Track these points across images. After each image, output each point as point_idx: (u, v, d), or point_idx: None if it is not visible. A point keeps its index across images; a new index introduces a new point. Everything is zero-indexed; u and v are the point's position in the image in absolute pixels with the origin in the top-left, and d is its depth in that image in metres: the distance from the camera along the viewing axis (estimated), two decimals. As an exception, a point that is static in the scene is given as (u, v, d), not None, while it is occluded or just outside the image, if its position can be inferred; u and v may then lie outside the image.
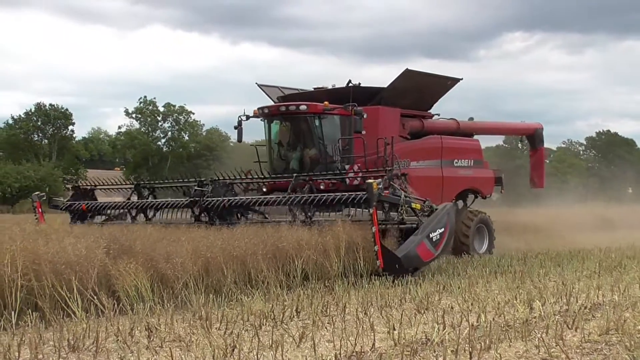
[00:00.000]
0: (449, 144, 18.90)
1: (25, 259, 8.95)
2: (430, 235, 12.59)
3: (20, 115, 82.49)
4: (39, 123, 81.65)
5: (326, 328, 8.01)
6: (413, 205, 12.95)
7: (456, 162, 19.03)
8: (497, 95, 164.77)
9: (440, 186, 18.12)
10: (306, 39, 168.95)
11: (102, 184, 18.40)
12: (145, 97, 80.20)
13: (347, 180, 15.47)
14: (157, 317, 8.41)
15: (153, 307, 8.92)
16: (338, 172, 15.80)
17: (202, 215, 15.05)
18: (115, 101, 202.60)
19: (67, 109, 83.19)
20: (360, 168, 16.07)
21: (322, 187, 14.73)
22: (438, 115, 19.96)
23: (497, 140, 75.80)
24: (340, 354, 6.52)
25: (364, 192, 12.66)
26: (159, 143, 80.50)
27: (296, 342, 7.18)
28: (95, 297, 8.98)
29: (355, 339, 7.07)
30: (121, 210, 17.04)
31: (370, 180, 12.23)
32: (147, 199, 17.02)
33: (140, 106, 79.72)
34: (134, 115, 80.00)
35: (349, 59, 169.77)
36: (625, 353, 6.43)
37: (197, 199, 14.74)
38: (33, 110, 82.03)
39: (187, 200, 15.13)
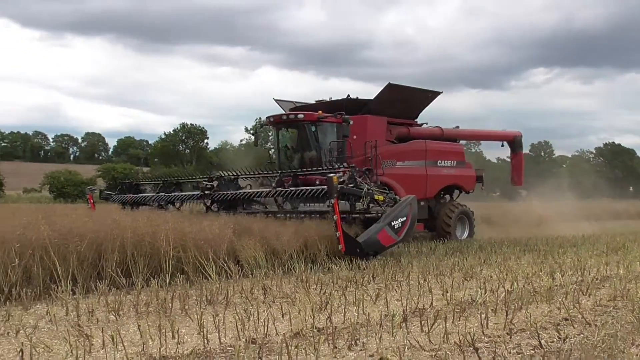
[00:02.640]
0: (433, 147, 17.62)
1: (175, 236, 9.14)
2: (392, 223, 11.34)
3: (170, 132, 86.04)
4: (183, 137, 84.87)
5: (395, 290, 8.03)
6: (376, 197, 11.73)
7: (440, 163, 17.74)
8: (524, 116, 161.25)
9: (425, 182, 17.10)
10: (378, 75, 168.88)
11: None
12: (259, 118, 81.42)
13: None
14: (270, 280, 8.54)
15: (267, 273, 9.01)
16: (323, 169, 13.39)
17: (213, 206, 14.14)
18: (237, 121, 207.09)
19: (203, 127, 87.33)
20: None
21: (317, 182, 12.91)
22: (426, 123, 18.73)
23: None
24: (406, 309, 6.55)
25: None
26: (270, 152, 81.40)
27: (373, 300, 7.24)
28: (225, 265, 9.13)
29: (418, 299, 7.11)
30: (155, 202, 15.75)
31: (331, 175, 10.97)
32: (172, 192, 15.83)
33: (256, 125, 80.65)
34: (251, 132, 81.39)
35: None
36: (629, 315, 6.30)
37: (207, 192, 13.75)
38: (179, 128, 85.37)
39: (198, 194, 14.02)
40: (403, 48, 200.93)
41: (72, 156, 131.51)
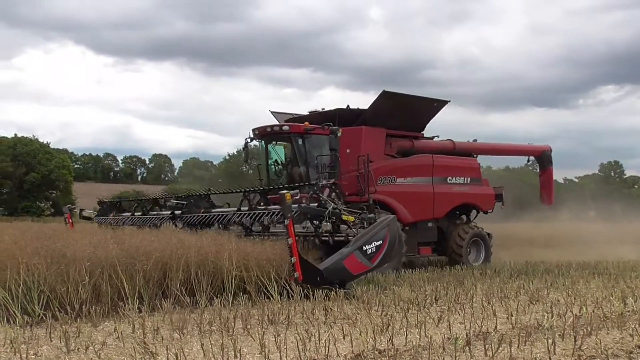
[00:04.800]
0: (441, 162, 15.85)
1: (238, 255, 9.21)
2: (364, 248, 9.66)
3: (233, 153, 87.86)
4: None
5: (458, 313, 7.89)
6: (344, 217, 10.28)
7: (450, 179, 15.97)
8: (593, 135, 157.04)
9: (431, 201, 15.38)
10: (441, 94, 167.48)
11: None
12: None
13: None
14: (332, 301, 8.52)
15: (328, 293, 9.02)
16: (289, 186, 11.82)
17: (183, 227, 12.35)
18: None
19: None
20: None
21: (303, 201, 10.64)
22: (437, 136, 16.98)
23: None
24: (470, 333, 6.43)
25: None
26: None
27: (435, 322, 7.14)
28: (287, 285, 9.13)
29: (481, 322, 6.95)
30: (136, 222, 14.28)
31: (283, 192, 9.51)
32: (148, 212, 14.46)
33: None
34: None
35: (474, 109, 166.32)
36: None
37: (176, 212, 12.89)
38: (242, 148, 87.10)
39: (170, 214, 13.10)
40: (467, 67, 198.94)
41: (139, 177, 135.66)
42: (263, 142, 15.19)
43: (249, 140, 15.16)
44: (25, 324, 7.01)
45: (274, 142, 15.24)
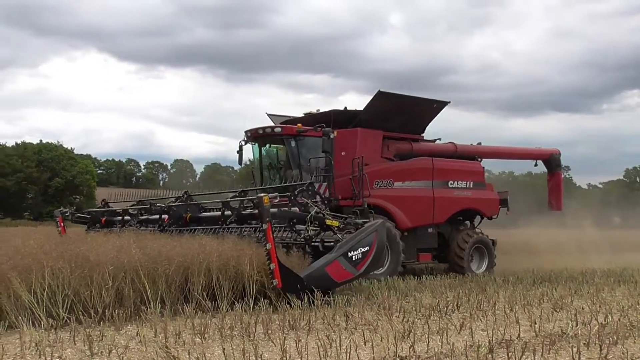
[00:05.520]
0: (442, 166, 15.31)
1: (259, 260, 9.11)
2: (350, 254, 9.25)
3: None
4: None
5: (480, 320, 7.82)
6: (328, 222, 9.78)
7: (451, 184, 15.43)
8: (617, 140, 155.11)
9: (431, 206, 14.89)
10: (462, 99, 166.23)
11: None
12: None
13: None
14: (352, 307, 8.51)
15: (349, 299, 9.01)
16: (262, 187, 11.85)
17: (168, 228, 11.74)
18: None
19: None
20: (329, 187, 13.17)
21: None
22: (439, 139, 16.55)
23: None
24: (492, 340, 6.37)
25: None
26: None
27: (457, 329, 7.08)
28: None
29: (504, 329, 6.88)
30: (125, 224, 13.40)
31: (261, 195, 9.07)
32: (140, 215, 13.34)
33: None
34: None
35: (494, 114, 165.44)
36: None
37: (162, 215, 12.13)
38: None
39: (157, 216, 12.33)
40: (488, 72, 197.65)
41: (161, 182, 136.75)
42: (257, 145, 14.79)
43: (243, 143, 14.76)
44: (49, 327, 7.09)
45: (268, 145, 14.93)
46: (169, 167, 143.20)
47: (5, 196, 59.61)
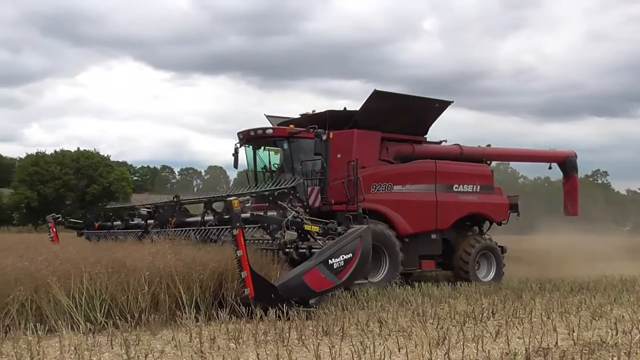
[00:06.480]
0: (446, 169, 14.54)
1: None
2: (330, 262, 8.73)
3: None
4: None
5: (516, 327, 7.71)
6: (306, 227, 9.27)
7: (456, 187, 14.69)
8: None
9: (434, 210, 14.14)
10: (497, 104, 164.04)
11: None
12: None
13: (310, 202, 12.14)
14: (386, 313, 8.48)
15: (383, 305, 9.00)
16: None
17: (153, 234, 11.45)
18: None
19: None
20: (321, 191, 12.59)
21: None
22: (445, 141, 15.76)
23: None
24: (529, 348, 6.27)
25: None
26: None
27: (493, 337, 7.00)
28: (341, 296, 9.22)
29: (541, 337, 6.76)
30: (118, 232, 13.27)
31: (231, 198, 8.68)
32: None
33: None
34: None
35: (529, 119, 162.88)
36: None
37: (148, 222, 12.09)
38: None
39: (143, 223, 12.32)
40: (523, 76, 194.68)
41: (195, 188, 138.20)
42: (251, 147, 14.13)
43: (238, 145, 14.11)
44: (88, 331, 7.24)
45: (263, 147, 14.17)
46: (203, 174, 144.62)
47: (45, 203, 60.95)
